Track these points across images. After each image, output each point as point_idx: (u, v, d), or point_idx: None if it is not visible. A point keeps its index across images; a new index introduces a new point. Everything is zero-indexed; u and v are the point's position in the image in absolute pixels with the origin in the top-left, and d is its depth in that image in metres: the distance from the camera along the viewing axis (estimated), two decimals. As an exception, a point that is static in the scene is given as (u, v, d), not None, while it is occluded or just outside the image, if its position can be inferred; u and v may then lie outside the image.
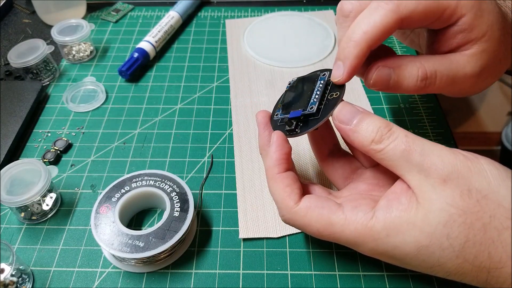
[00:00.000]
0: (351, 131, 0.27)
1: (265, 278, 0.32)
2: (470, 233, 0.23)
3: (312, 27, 0.56)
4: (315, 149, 0.34)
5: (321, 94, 0.29)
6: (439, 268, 0.25)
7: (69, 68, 0.52)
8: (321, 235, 0.27)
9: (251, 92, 0.48)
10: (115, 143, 0.43)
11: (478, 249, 0.24)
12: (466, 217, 0.24)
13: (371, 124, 0.26)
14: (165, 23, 0.54)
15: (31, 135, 0.43)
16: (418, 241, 0.24)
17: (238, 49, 0.54)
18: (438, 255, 0.24)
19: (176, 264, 0.33)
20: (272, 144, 0.29)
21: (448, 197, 0.24)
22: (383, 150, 0.26)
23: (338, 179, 0.33)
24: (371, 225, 0.25)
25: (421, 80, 0.28)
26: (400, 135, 0.26)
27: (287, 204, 0.28)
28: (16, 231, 0.36)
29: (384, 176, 0.31)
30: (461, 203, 0.24)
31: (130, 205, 0.35)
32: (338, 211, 0.27)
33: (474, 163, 0.25)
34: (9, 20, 0.60)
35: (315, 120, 0.29)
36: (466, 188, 0.24)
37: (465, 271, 0.24)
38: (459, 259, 0.24)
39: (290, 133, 0.30)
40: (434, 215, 0.24)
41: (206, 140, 0.43)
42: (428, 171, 0.24)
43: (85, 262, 0.33)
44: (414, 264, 0.26)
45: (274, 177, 0.29)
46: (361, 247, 0.27)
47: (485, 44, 0.29)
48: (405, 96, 0.47)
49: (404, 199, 0.25)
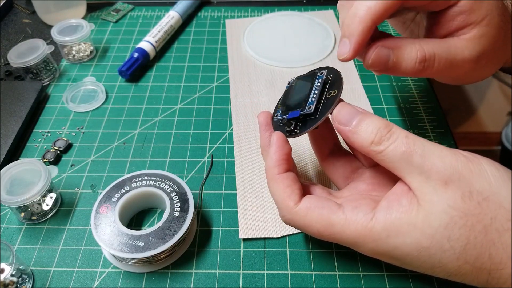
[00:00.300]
0: (351, 133, 0.27)
1: (265, 278, 0.32)
2: (471, 235, 0.23)
3: (312, 27, 0.56)
4: (316, 148, 0.34)
5: (319, 93, 0.29)
6: (440, 269, 0.25)
7: (69, 68, 0.52)
8: (321, 235, 0.27)
9: (251, 92, 0.48)
10: (115, 143, 0.43)
11: (479, 251, 0.23)
12: (467, 219, 0.24)
13: (370, 125, 0.26)
14: (165, 23, 0.54)
15: (31, 135, 0.43)
16: (419, 243, 0.24)
17: (238, 49, 0.54)
18: (439, 256, 0.24)
19: (176, 264, 0.33)
20: (272, 145, 0.29)
21: (450, 200, 0.24)
22: (383, 152, 0.26)
23: (338, 178, 0.33)
24: (371, 226, 0.25)
25: (419, 62, 0.28)
26: (400, 136, 0.25)
27: (287, 205, 0.28)
28: (16, 231, 0.36)
29: (384, 176, 0.31)
30: (462, 206, 0.24)
31: (130, 205, 0.35)
32: (338, 212, 0.27)
33: (475, 164, 0.24)
34: (9, 20, 0.60)
35: (314, 119, 0.29)
36: (468, 190, 0.24)
37: (465, 272, 0.24)
38: (459, 261, 0.24)
39: (290, 134, 0.30)
40: (435, 217, 0.24)
41: (206, 140, 0.43)
42: (429, 173, 0.24)
43: (85, 262, 0.33)
44: (415, 265, 0.26)
45: (274, 178, 0.29)
46: (361, 247, 0.27)
47: (484, 29, 0.29)
48: (405, 96, 0.47)
49: (405, 200, 0.25)
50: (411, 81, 0.49)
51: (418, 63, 0.28)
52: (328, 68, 0.31)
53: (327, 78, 0.30)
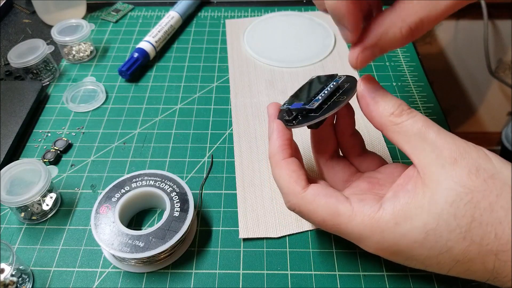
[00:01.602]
0: (374, 101, 0.27)
1: (265, 278, 0.32)
2: (476, 212, 0.23)
3: (312, 27, 0.56)
4: (317, 152, 0.34)
5: (328, 94, 0.29)
6: (447, 255, 0.24)
7: (69, 68, 0.52)
8: (325, 224, 0.27)
9: (251, 92, 0.48)
10: (115, 143, 0.43)
11: (484, 230, 0.23)
12: (473, 196, 0.24)
13: (393, 99, 0.27)
14: (165, 23, 0.54)
15: (31, 135, 0.43)
16: (426, 224, 0.24)
17: (238, 49, 0.54)
18: (445, 237, 0.24)
19: (176, 264, 0.33)
20: (273, 131, 0.30)
21: (456, 177, 0.24)
22: (401, 124, 0.26)
23: (338, 182, 0.33)
24: (379, 217, 0.25)
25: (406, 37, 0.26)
26: (419, 115, 0.27)
27: (293, 189, 0.28)
28: (16, 231, 0.36)
29: (383, 176, 0.31)
30: (468, 182, 0.24)
31: (130, 205, 0.35)
32: (346, 202, 0.27)
33: (478, 149, 0.25)
34: (9, 20, 0.60)
35: (313, 117, 0.29)
36: (474, 168, 0.24)
37: (472, 256, 0.24)
38: (466, 241, 0.24)
39: (287, 123, 0.30)
40: (441, 194, 0.24)
41: (206, 140, 0.43)
42: (441, 149, 0.25)
43: (85, 262, 0.33)
44: (421, 256, 0.25)
45: (279, 163, 0.29)
46: (365, 241, 0.26)
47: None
48: (405, 96, 0.47)
49: (410, 186, 0.26)
50: (411, 81, 0.49)
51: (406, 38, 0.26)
52: (348, 76, 0.31)
53: (343, 84, 0.30)
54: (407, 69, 0.51)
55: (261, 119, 0.44)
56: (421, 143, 0.26)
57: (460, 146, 0.25)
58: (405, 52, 0.53)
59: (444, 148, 0.25)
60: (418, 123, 0.26)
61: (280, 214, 0.36)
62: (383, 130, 0.28)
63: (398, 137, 0.27)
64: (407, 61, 0.52)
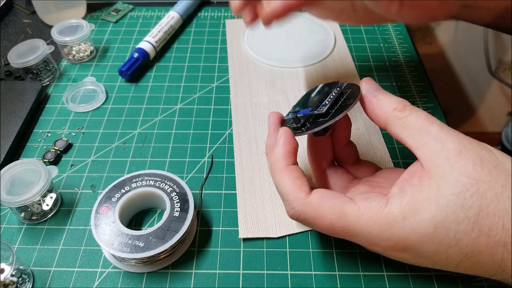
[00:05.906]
0: (376, 98, 0.28)
1: (265, 278, 0.32)
2: (483, 203, 0.23)
3: (312, 27, 0.56)
4: (315, 162, 0.34)
5: (333, 99, 0.30)
6: (456, 248, 0.24)
7: (69, 68, 0.52)
8: (334, 228, 0.27)
9: (251, 92, 0.48)
10: (115, 143, 0.43)
11: (492, 220, 0.23)
12: (479, 187, 0.24)
13: (395, 97, 0.28)
14: (165, 23, 0.54)
15: (31, 135, 0.43)
16: (434, 217, 0.24)
17: (238, 49, 0.54)
18: (454, 229, 0.24)
19: (176, 264, 0.33)
20: (280, 137, 0.30)
21: (461, 168, 0.24)
22: (404, 118, 0.27)
23: (337, 189, 0.33)
24: (387, 212, 0.25)
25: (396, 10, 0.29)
26: (421, 111, 0.27)
27: (297, 196, 0.27)
28: (16, 231, 0.36)
29: (381, 180, 0.31)
30: (473, 173, 0.24)
31: (130, 205, 0.35)
32: (351, 202, 0.27)
33: (481, 143, 0.26)
34: (9, 20, 0.60)
35: (323, 121, 0.29)
36: (479, 159, 0.24)
37: (480, 248, 0.24)
38: (474, 232, 0.24)
39: (296, 131, 0.30)
40: (447, 186, 0.24)
41: (206, 140, 0.43)
42: (445, 142, 0.25)
43: (85, 262, 0.33)
44: (430, 250, 0.25)
45: (282, 170, 0.28)
46: (374, 240, 0.26)
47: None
48: (405, 96, 0.47)
49: (415, 180, 0.26)
50: (411, 81, 0.49)
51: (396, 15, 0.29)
52: (349, 83, 0.32)
53: (345, 90, 0.31)
54: (407, 69, 0.51)
55: (261, 119, 0.44)
56: (425, 137, 0.26)
57: (463, 138, 0.25)
58: (405, 52, 0.53)
59: (448, 141, 0.25)
60: (421, 118, 0.26)
61: (280, 214, 0.36)
62: (386, 126, 0.28)
63: (402, 132, 0.27)
64: (407, 61, 0.52)
